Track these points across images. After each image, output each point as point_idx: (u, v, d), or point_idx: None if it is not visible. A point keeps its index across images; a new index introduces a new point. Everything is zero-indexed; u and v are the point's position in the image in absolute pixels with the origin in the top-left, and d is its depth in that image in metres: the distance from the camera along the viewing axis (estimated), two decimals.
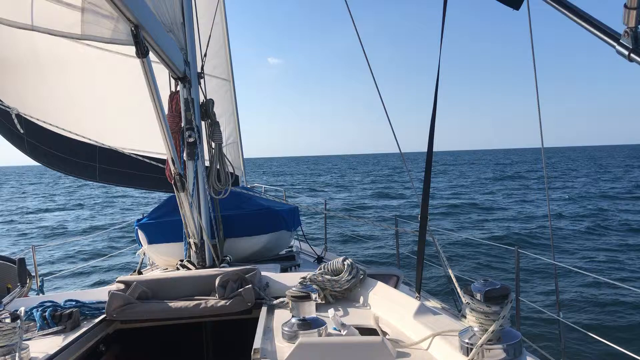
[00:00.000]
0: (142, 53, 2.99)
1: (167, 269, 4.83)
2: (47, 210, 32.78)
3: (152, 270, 5.39)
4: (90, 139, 5.11)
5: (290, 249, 6.01)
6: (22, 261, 3.74)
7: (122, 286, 2.96)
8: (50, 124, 4.95)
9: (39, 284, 5.70)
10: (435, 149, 2.88)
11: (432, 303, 2.97)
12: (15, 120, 4.65)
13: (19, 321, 2.15)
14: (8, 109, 4.54)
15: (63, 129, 4.85)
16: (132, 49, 2.98)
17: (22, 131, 5.04)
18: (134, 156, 5.48)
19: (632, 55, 1.21)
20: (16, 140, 6.17)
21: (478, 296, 1.77)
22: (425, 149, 2.88)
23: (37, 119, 4.97)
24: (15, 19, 2.83)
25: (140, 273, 5.11)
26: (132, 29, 2.88)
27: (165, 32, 3.69)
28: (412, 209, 26.05)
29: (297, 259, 5.31)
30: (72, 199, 41.61)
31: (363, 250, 14.89)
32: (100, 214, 30.10)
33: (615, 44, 1.25)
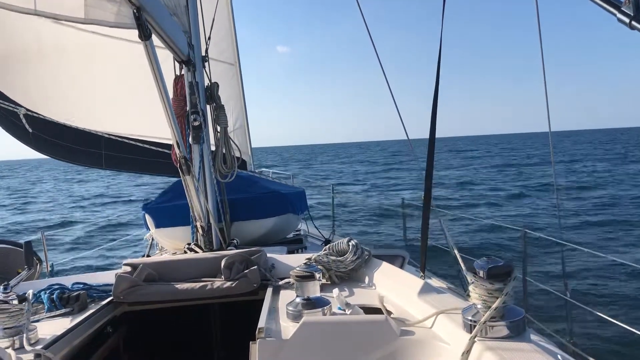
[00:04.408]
0: (144, 36, 2.97)
1: (175, 252, 4.86)
2: None
3: (161, 254, 5.42)
4: (97, 131, 5.11)
5: (297, 233, 6.03)
6: (28, 244, 3.78)
7: (129, 269, 2.98)
8: (57, 121, 4.96)
9: (49, 268, 5.76)
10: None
11: (437, 283, 2.97)
12: (24, 121, 4.64)
13: (26, 303, 2.17)
14: (16, 110, 4.52)
15: (70, 123, 4.86)
16: (135, 35, 2.96)
17: (30, 130, 5.01)
18: (140, 145, 5.49)
19: (633, 23, 1.17)
20: (20, 133, 6.15)
21: (481, 273, 1.76)
22: (426, 134, 2.83)
23: (45, 116, 4.96)
24: (18, 4, 2.83)
25: (148, 257, 5.15)
26: (134, 11, 2.87)
27: (169, 15, 3.67)
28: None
29: (304, 242, 5.33)
30: None
31: (371, 232, 14.93)
32: None
33: (616, 12, 1.21)
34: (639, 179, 29.31)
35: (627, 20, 1.19)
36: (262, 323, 2.09)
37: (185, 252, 4.05)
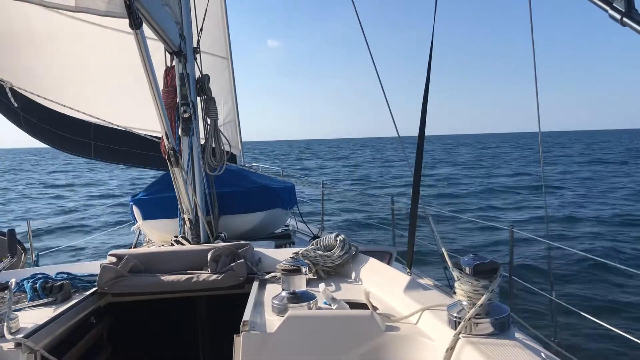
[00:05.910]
0: (135, 24, 2.93)
1: (162, 245, 4.83)
2: None
3: (148, 246, 5.39)
4: (85, 113, 5.05)
5: (286, 228, 6.01)
6: (11, 232, 3.73)
7: (114, 259, 2.96)
8: (44, 98, 4.91)
9: (34, 258, 5.71)
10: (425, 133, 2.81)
11: (423, 279, 2.98)
12: (10, 94, 4.59)
13: (7, 291, 2.15)
14: (2, 83, 4.47)
15: (57, 103, 4.80)
16: (126, 24, 2.92)
17: (16, 105, 4.98)
18: (132, 132, 5.43)
19: (624, 19, 1.17)
20: (12, 115, 6.12)
21: (467, 270, 1.76)
22: (416, 132, 2.83)
23: (32, 92, 4.91)
24: None
25: (135, 248, 5.12)
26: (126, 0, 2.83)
27: (160, 5, 3.64)
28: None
29: (292, 238, 5.32)
30: None
31: (360, 229, 14.94)
32: None
33: (607, 7, 1.21)
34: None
35: (618, 16, 1.18)
36: (247, 316, 2.08)
37: (172, 245, 4.03)
